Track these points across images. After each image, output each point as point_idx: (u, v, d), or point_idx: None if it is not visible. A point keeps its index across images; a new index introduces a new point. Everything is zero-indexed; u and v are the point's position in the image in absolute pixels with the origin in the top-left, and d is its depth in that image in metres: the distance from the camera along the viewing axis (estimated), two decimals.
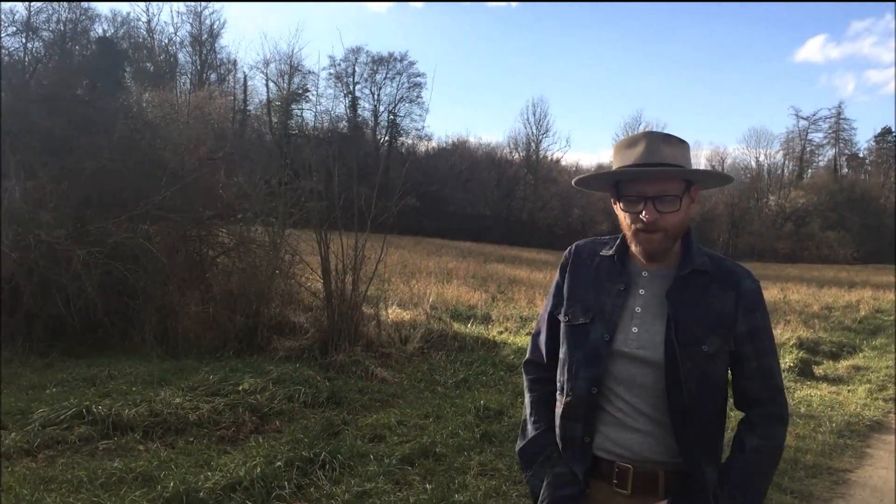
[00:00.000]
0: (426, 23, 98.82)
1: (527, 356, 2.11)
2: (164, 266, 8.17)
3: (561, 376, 1.93)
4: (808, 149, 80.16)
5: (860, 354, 10.09)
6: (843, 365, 9.17)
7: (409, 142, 60.04)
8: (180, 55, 53.87)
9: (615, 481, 1.81)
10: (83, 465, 4.26)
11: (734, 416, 1.97)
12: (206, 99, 32.75)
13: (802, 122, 79.76)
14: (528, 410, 2.04)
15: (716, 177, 2.01)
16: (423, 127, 60.66)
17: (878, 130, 78.86)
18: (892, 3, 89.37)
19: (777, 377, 1.88)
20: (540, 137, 64.46)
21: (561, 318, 1.95)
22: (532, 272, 23.86)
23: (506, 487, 4.23)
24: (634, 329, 1.83)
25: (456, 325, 9.58)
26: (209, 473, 4.04)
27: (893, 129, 76.38)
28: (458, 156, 60.55)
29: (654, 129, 2.08)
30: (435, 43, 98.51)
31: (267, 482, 3.96)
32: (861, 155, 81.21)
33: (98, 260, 7.49)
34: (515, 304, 13.98)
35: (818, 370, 8.68)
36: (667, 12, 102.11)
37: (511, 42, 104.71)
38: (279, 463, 4.22)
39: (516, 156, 64.65)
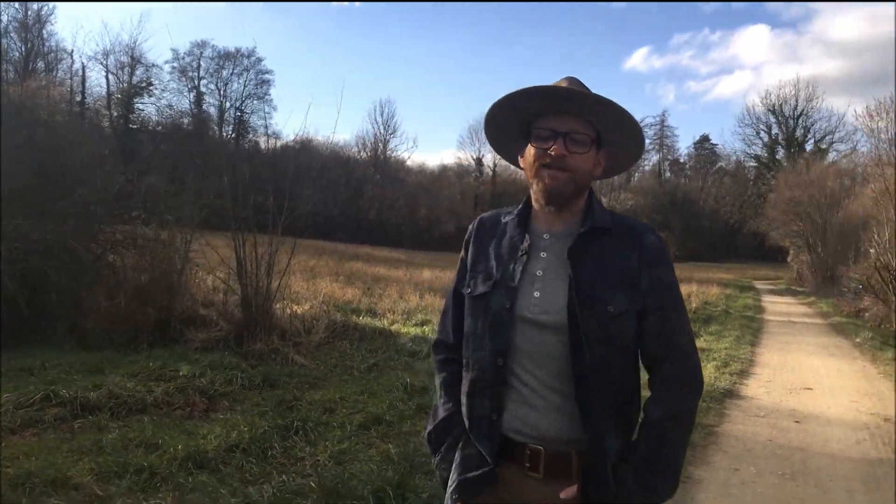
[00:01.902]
0: (270, 21, 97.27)
1: (436, 337, 2.03)
2: (73, 261, 8.38)
3: (466, 351, 1.86)
4: None
5: (701, 339, 11.72)
6: None
7: (257, 139, 59.20)
8: (4, 41, 50.39)
9: (527, 464, 1.72)
10: (77, 438, 4.71)
11: None
12: (38, 90, 31.15)
13: None
14: (438, 393, 1.96)
15: (630, 132, 1.83)
16: (271, 125, 59.91)
17: (697, 138, 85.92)
18: (706, 18, 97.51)
19: (681, 335, 1.78)
20: (388, 137, 65.53)
21: (463, 290, 1.89)
22: (390, 270, 24.78)
23: None
24: (536, 294, 1.74)
25: (355, 318, 10.30)
26: (205, 438, 4.63)
27: (710, 137, 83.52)
28: (307, 154, 60.42)
29: None
30: (279, 41, 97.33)
31: (259, 444, 4.60)
32: (682, 160, 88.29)
33: (16, 256, 7.64)
34: (388, 298, 14.76)
35: None
36: (510, 16, 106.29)
37: (356, 42, 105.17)
38: (262, 430, 4.85)
39: (364, 155, 65.35)
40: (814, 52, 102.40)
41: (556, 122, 1.75)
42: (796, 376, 8.93)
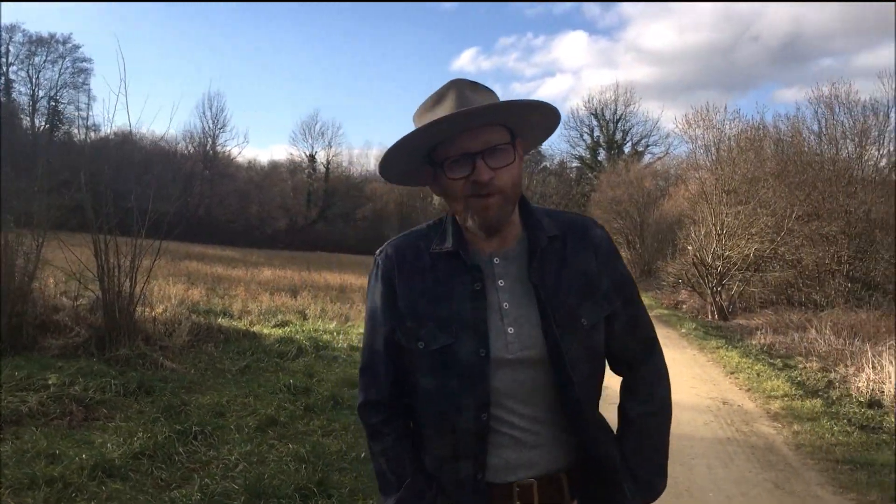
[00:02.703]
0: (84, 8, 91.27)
1: (361, 399, 1.70)
2: None
3: (433, 414, 1.60)
4: None
5: None
6: None
7: (75, 131, 55.47)
8: None
9: (517, 502, 1.58)
10: None
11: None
12: None
13: None
14: (384, 460, 1.65)
15: (543, 113, 1.61)
16: (91, 116, 56.22)
17: None
18: (530, 22, 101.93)
19: (649, 328, 1.73)
20: (217, 132, 63.49)
21: (410, 344, 1.58)
22: (228, 269, 24.23)
23: (355, 440, 5.25)
24: (510, 329, 1.54)
25: (217, 320, 10.14)
26: (105, 447, 4.55)
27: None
28: (130, 148, 57.38)
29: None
30: (99, 30, 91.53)
31: (163, 450, 4.59)
32: None
33: None
34: (238, 299, 14.53)
35: None
36: (342, 12, 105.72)
37: (182, 34, 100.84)
38: (164, 436, 4.82)
39: (191, 150, 62.95)
40: (627, 59, 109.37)
41: (464, 140, 1.50)
42: None
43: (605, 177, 41.06)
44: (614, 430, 1.72)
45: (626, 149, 57.06)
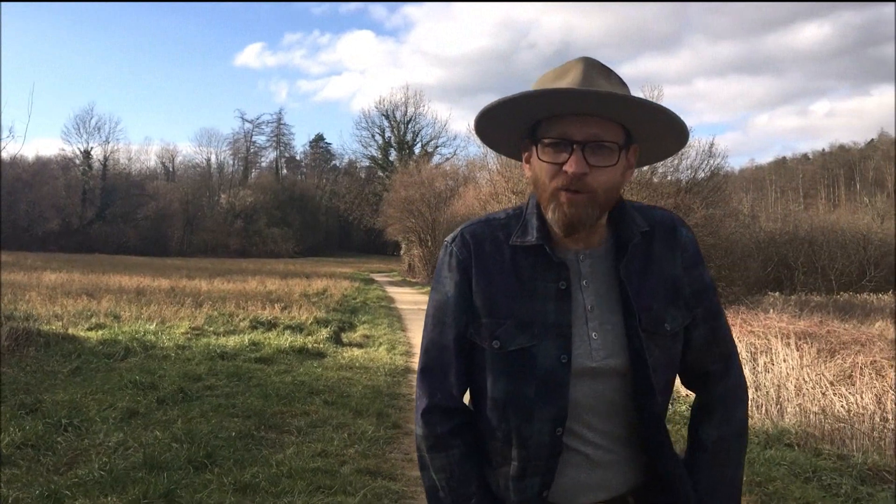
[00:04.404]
0: None
1: (424, 403, 1.52)
2: None
3: (504, 424, 1.46)
4: (252, 150, 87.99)
5: (360, 328, 13.31)
6: (357, 335, 12.18)
7: None
8: None
9: None
10: None
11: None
12: None
13: (248, 125, 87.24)
14: (444, 476, 1.49)
15: (671, 126, 1.43)
16: None
17: (312, 136, 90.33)
18: (316, 20, 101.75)
19: (730, 342, 1.57)
20: None
21: (485, 342, 1.45)
22: (9, 273, 22.78)
23: (219, 422, 5.78)
24: (594, 335, 1.43)
25: (35, 324, 9.97)
26: None
27: (325, 137, 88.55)
28: None
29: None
30: None
31: (44, 440, 4.93)
32: (298, 158, 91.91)
33: None
34: (36, 302, 14.00)
35: (345, 339, 11.55)
36: (117, 4, 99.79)
37: None
38: (34, 430, 5.13)
39: None
40: (414, 61, 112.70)
41: (570, 125, 1.36)
42: None
43: (398, 177, 42.53)
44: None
45: (417, 149, 59.21)
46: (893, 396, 6.66)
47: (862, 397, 6.50)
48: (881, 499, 4.27)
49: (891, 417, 6.14)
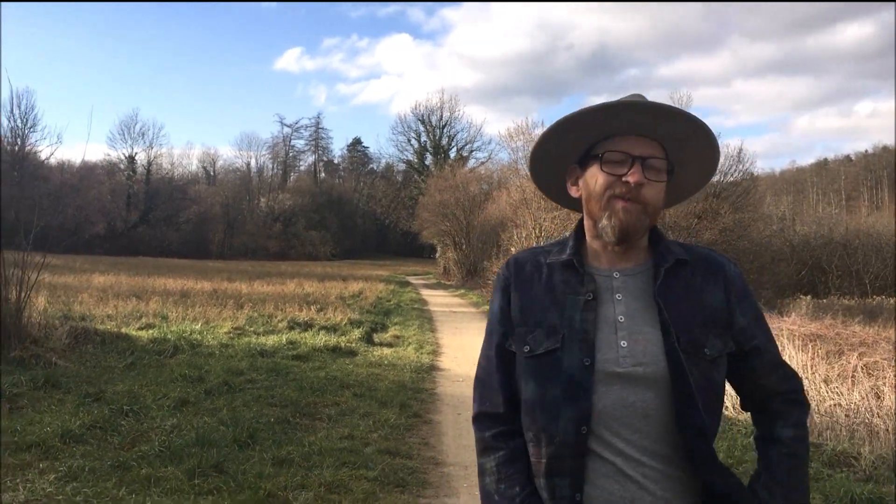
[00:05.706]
0: None
1: (475, 410, 1.68)
2: None
3: (533, 424, 1.54)
4: (291, 154, 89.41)
5: (392, 329, 14.01)
6: (388, 336, 12.89)
7: None
8: None
9: None
10: None
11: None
12: None
13: (287, 129, 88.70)
14: (493, 479, 1.59)
15: (706, 153, 1.62)
16: None
17: (350, 140, 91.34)
18: (354, 24, 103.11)
19: (786, 362, 1.64)
20: (26, 132, 60.02)
21: (518, 349, 1.58)
22: (55, 276, 23.89)
23: (260, 410, 6.48)
24: (623, 343, 1.49)
25: (91, 324, 10.85)
26: (56, 423, 5.56)
27: (362, 140, 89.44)
28: None
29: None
30: None
31: (109, 423, 5.68)
32: (336, 161, 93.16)
33: None
34: (87, 304, 14.92)
35: (376, 339, 12.27)
36: (166, 11, 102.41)
37: None
38: (102, 414, 5.88)
39: None
40: (451, 63, 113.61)
41: (629, 144, 1.53)
42: (474, 353, 11.48)
43: (433, 181, 43.33)
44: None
45: (452, 153, 60.00)
46: (892, 394, 7.11)
47: (850, 393, 6.97)
48: (838, 479, 4.82)
49: (878, 412, 6.61)
